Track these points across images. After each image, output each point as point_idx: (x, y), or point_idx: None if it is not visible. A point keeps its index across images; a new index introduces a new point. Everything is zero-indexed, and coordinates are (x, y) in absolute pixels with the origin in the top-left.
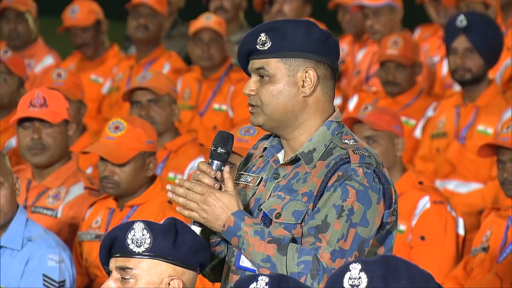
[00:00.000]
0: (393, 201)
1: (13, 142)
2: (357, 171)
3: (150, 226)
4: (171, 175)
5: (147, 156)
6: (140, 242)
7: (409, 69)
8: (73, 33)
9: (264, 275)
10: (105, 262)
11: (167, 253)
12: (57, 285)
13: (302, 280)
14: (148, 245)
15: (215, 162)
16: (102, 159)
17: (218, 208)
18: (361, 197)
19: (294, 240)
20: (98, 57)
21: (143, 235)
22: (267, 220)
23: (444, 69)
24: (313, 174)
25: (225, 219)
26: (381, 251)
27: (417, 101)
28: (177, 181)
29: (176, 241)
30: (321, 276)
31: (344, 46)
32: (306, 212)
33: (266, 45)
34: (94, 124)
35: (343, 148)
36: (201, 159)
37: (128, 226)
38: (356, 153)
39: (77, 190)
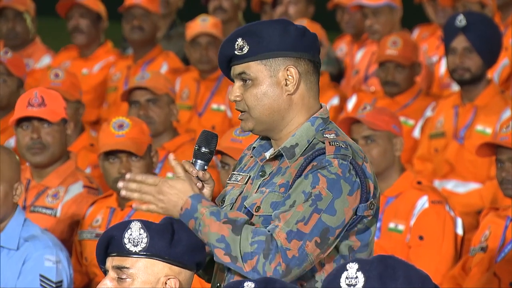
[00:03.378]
0: (371, 195)
1: (12, 142)
2: (332, 162)
3: (146, 225)
4: (169, 175)
5: (151, 150)
6: (137, 242)
7: (408, 69)
8: (71, 16)
9: (250, 280)
10: (102, 261)
11: (163, 252)
12: (54, 285)
13: (254, 260)
14: (145, 245)
15: (198, 161)
16: (111, 160)
17: (174, 195)
18: (332, 185)
19: (251, 223)
20: (91, 54)
21: (140, 234)
22: (249, 215)
23: (442, 69)
24: (291, 166)
25: (182, 204)
26: (356, 245)
27: (416, 101)
28: (127, 176)
29: (173, 241)
30: (273, 255)
31: (343, 46)
32: None
33: (244, 49)
34: (94, 114)
35: (322, 142)
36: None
37: (125, 226)
38: (332, 145)
39: (76, 189)
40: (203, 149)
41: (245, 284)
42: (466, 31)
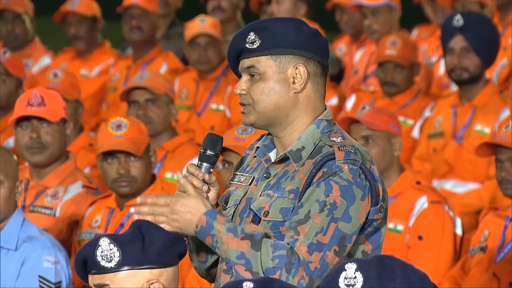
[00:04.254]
0: (380, 198)
1: (11, 142)
2: (342, 168)
3: (115, 239)
4: (168, 175)
5: (149, 149)
6: (110, 257)
7: (408, 70)
8: (68, 23)
9: (249, 280)
10: (85, 280)
11: (139, 260)
12: (53, 286)
13: (277, 275)
14: (118, 258)
15: (204, 164)
16: (110, 160)
17: (187, 213)
18: (345, 192)
19: (267, 236)
20: (89, 54)
21: (110, 249)
22: (256, 219)
23: (441, 69)
24: (300, 171)
25: (197, 221)
26: (368, 248)
27: (415, 101)
28: (138, 200)
29: (145, 245)
30: (296, 269)
31: (342, 46)
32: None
33: (255, 43)
34: (93, 121)
35: (330, 146)
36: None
37: (94, 244)
38: (341, 150)
39: (76, 188)
40: (209, 152)
41: (244, 284)
42: (463, 31)
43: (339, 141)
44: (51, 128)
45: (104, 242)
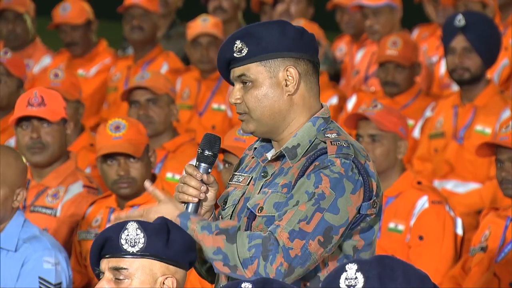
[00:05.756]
0: (374, 193)
1: (12, 142)
2: (334, 162)
3: (143, 225)
4: (169, 175)
5: (148, 150)
6: (135, 242)
7: (408, 70)
8: (62, 31)
9: (247, 281)
10: (96, 263)
11: (161, 252)
12: (53, 287)
13: (255, 264)
14: (142, 245)
15: (202, 164)
16: (109, 162)
17: None
18: (335, 184)
19: (245, 229)
20: (87, 55)
21: (137, 234)
22: (251, 216)
23: (442, 69)
24: (294, 166)
25: None
26: (360, 244)
27: (416, 101)
28: (112, 218)
29: (169, 240)
30: (273, 256)
31: (343, 46)
32: None
33: (243, 51)
34: (92, 120)
35: (324, 142)
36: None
37: (121, 226)
38: (334, 144)
39: (76, 188)
40: (207, 152)
41: (243, 285)
42: (465, 31)
43: (333, 137)
44: (51, 128)
45: (132, 227)
